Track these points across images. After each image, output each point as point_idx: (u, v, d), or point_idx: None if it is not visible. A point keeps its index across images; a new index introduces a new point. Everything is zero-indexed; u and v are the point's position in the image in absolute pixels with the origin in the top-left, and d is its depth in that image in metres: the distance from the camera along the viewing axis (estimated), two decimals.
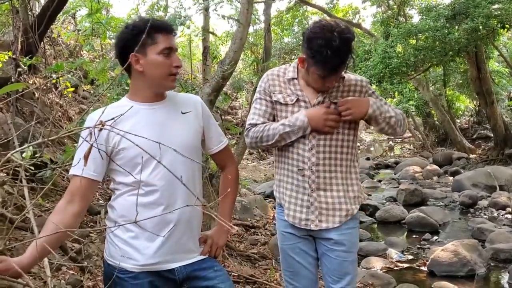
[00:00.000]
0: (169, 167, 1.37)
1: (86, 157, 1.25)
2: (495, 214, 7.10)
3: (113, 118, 1.19)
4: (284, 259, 2.15)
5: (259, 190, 8.66)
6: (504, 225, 6.45)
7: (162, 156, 1.50)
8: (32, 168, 2.55)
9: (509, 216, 6.89)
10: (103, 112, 1.29)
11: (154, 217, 1.50)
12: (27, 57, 4.22)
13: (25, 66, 4.30)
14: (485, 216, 7.02)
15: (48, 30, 5.81)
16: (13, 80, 3.70)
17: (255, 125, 2.04)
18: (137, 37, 1.52)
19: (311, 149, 2.00)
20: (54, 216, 1.52)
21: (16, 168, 1.77)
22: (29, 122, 4.23)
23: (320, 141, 2.00)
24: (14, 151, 1.20)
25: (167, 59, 1.55)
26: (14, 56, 4.18)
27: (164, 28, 1.55)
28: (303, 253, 2.10)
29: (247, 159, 13.34)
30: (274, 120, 2.07)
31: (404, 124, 2.09)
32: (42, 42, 5.40)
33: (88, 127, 1.19)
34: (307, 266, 2.11)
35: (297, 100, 2.02)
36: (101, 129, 1.24)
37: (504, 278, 4.55)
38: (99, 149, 1.31)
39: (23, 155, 1.89)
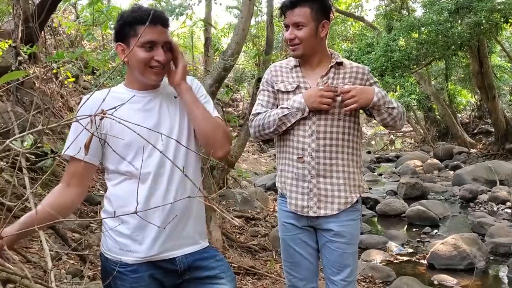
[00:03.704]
0: (160, 157, 1.36)
1: (87, 146, 1.23)
2: (495, 209, 7.10)
3: (114, 107, 1.17)
4: (285, 250, 2.15)
5: (260, 182, 8.66)
6: (504, 219, 6.45)
7: (155, 145, 1.49)
8: (33, 156, 2.54)
9: (509, 210, 6.89)
10: (104, 100, 1.27)
11: (149, 206, 1.48)
12: (27, 46, 4.20)
13: (25, 55, 4.28)
14: (485, 210, 7.02)
15: (49, 20, 5.77)
16: (13, 68, 3.68)
17: (258, 114, 2.07)
18: (123, 27, 1.50)
19: (311, 135, 2.01)
20: (49, 197, 1.51)
21: (16, 157, 1.76)
22: (29, 112, 4.22)
23: (321, 127, 2.00)
24: (12, 138, 1.18)
25: (148, 52, 1.49)
26: (14, 45, 4.16)
27: (146, 20, 1.44)
28: (304, 244, 2.10)
29: (248, 152, 13.33)
30: None
31: (404, 118, 2.09)
32: (42, 32, 5.37)
33: (91, 115, 1.17)
34: (307, 257, 2.11)
35: (298, 87, 2.05)
36: (102, 118, 1.22)
37: (504, 272, 4.56)
38: (98, 137, 1.29)
39: (24, 144, 1.87)
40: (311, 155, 2.00)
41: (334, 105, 1.98)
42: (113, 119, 1.14)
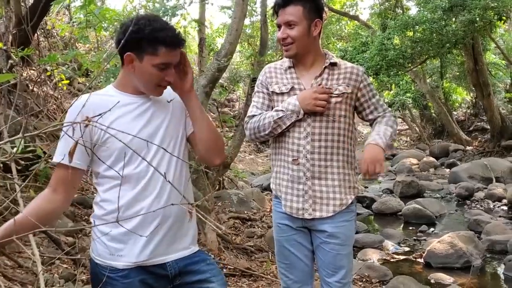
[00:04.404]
0: (154, 161, 1.38)
1: (71, 154, 1.22)
2: (491, 206, 7.12)
3: (100, 114, 1.17)
4: (280, 251, 2.14)
5: (257, 182, 8.65)
6: (500, 216, 6.47)
7: (148, 150, 1.49)
8: (22, 162, 2.52)
9: (505, 207, 6.91)
10: (83, 106, 1.25)
11: (141, 210, 1.48)
12: (19, 49, 4.16)
13: (16, 58, 4.24)
14: (482, 208, 7.03)
15: (42, 22, 5.74)
16: (4, 72, 3.65)
17: (253, 116, 2.07)
18: (140, 40, 1.47)
19: (306, 136, 2.00)
20: (34, 202, 1.49)
21: (7, 162, 1.74)
22: (22, 115, 4.18)
23: (316, 129, 2.00)
24: (1, 143, 1.17)
25: (161, 72, 1.50)
26: (5, 48, 4.12)
27: (169, 42, 1.47)
28: (299, 245, 2.09)
29: (245, 152, 13.33)
30: None
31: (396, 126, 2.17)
32: (35, 34, 5.33)
33: (75, 122, 1.16)
34: (302, 258, 2.10)
35: (292, 88, 2.04)
36: (86, 125, 1.22)
37: (500, 269, 4.56)
38: (84, 145, 1.28)
39: (14, 150, 1.85)
40: (306, 157, 2.00)
41: (328, 106, 1.98)
42: (95, 126, 1.13)
